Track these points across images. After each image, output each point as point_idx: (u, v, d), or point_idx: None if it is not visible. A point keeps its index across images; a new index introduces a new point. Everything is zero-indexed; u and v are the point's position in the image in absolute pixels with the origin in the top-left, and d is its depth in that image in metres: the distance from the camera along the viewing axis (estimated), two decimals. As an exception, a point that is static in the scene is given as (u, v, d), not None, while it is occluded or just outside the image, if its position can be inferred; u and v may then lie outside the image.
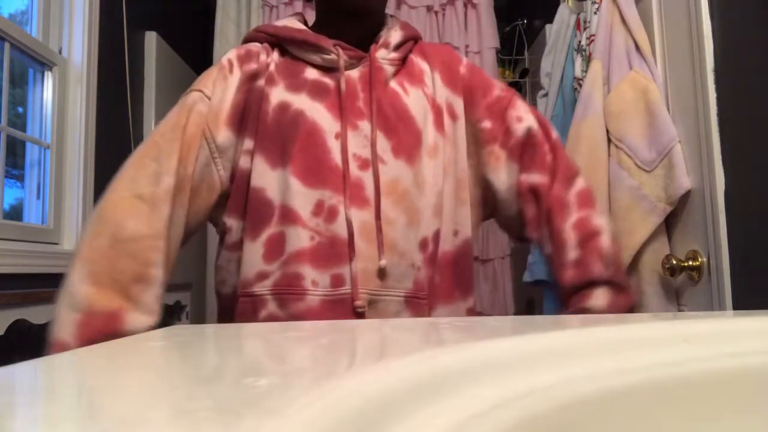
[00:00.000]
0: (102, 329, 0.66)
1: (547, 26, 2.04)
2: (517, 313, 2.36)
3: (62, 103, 1.74)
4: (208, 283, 2.26)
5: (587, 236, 0.78)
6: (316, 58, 0.80)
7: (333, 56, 0.80)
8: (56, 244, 1.68)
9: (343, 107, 0.77)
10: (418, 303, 0.78)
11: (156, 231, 0.71)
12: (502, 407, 0.26)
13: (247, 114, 0.79)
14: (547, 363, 0.32)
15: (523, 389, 0.29)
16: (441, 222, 0.80)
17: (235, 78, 0.79)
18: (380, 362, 0.28)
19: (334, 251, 0.74)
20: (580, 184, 0.83)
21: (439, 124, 0.82)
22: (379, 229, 0.75)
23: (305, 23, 0.88)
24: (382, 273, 0.75)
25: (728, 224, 1.12)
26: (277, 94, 0.78)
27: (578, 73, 1.57)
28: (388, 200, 0.76)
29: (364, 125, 0.78)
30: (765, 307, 0.52)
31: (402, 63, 0.84)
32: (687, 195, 1.23)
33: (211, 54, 2.32)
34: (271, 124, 0.77)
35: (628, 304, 0.77)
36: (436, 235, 0.80)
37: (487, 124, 0.84)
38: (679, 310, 1.27)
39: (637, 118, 1.33)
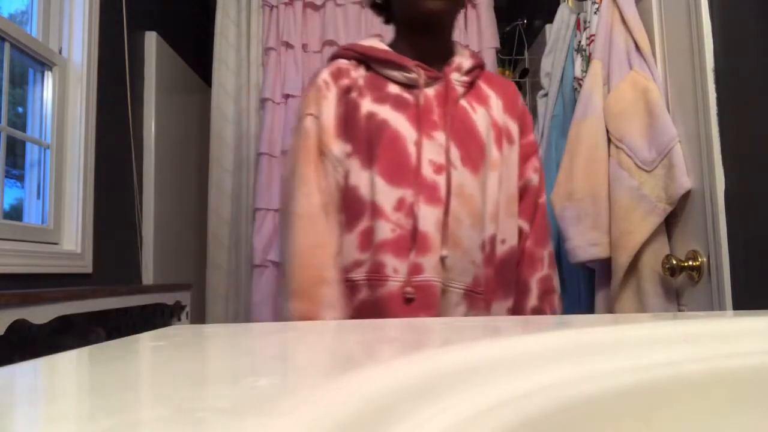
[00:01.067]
0: None
1: (547, 26, 2.04)
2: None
3: (62, 103, 1.74)
4: (208, 284, 2.26)
5: (546, 292, 0.96)
6: (398, 75, 0.92)
7: (414, 75, 0.91)
8: (56, 244, 1.69)
9: (420, 119, 0.89)
10: (475, 297, 0.89)
11: (318, 241, 0.87)
12: (502, 407, 0.26)
13: (346, 122, 0.91)
14: (547, 363, 0.32)
15: (523, 389, 0.29)
16: (495, 229, 0.93)
17: (333, 94, 0.92)
18: (380, 362, 0.28)
19: (412, 243, 0.85)
20: (550, 246, 1.00)
21: (498, 142, 0.95)
22: (445, 225, 0.86)
23: (390, 45, 1.00)
24: (444, 264, 0.86)
25: (728, 224, 1.12)
26: (366, 105, 0.90)
27: (578, 73, 1.57)
28: (456, 202, 0.87)
29: (439, 135, 0.89)
30: (765, 307, 0.52)
31: (470, 86, 0.96)
32: (687, 195, 1.23)
33: (211, 54, 2.31)
34: (362, 130, 0.89)
35: None
36: (492, 239, 0.92)
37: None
38: (679, 310, 1.27)
39: (637, 118, 1.33)
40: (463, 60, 0.95)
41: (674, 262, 1.21)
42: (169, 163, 2.40)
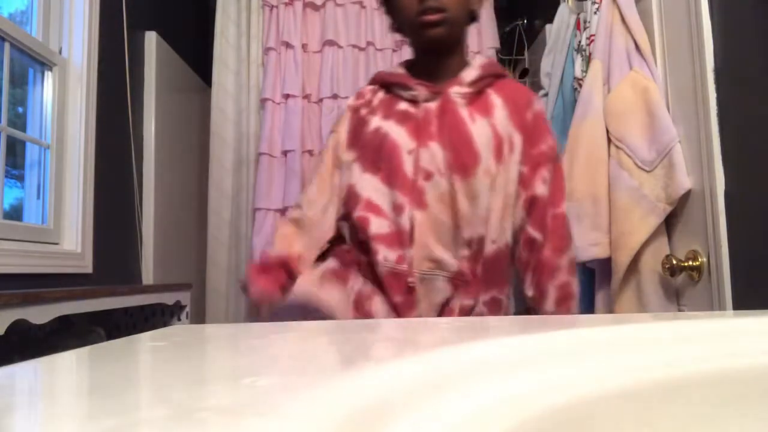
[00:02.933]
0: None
1: (547, 26, 2.04)
2: (517, 313, 2.36)
3: (62, 103, 1.74)
4: (207, 283, 2.26)
5: (564, 298, 1.01)
6: (405, 93, 1.06)
7: (416, 92, 1.04)
8: (56, 244, 1.69)
9: (418, 131, 1.01)
10: (460, 283, 0.99)
11: (287, 232, 1.09)
12: (502, 407, 0.26)
13: (355, 135, 1.08)
14: (547, 363, 0.32)
15: (524, 389, 0.29)
16: (485, 231, 1.00)
17: (351, 113, 1.11)
18: (380, 362, 0.28)
19: (401, 238, 0.98)
20: (571, 254, 1.04)
21: (498, 151, 1.01)
22: (427, 226, 0.98)
23: (409, 65, 1.13)
24: (431, 259, 0.98)
25: (728, 224, 1.12)
26: (375, 122, 1.05)
27: (578, 73, 1.57)
28: (440, 205, 0.98)
29: (433, 145, 1.00)
30: (765, 307, 0.52)
31: (478, 95, 1.04)
32: (687, 195, 1.23)
33: (210, 54, 2.32)
34: (368, 141, 1.05)
35: None
36: (480, 240, 1.00)
37: (524, 168, 1.04)
38: (679, 310, 1.27)
39: (637, 118, 1.33)
40: (468, 73, 1.05)
41: (674, 262, 1.21)
42: (169, 163, 2.40)
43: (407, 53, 2.28)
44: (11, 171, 1.65)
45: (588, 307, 1.52)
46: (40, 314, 1.20)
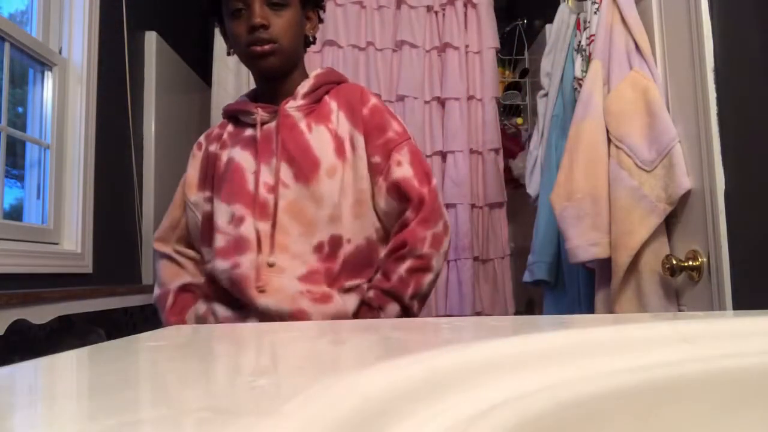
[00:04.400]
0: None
1: (547, 26, 2.04)
2: (517, 313, 2.36)
3: (62, 103, 1.74)
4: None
5: (418, 269, 1.01)
6: (249, 119, 1.09)
7: (254, 115, 1.07)
8: (56, 244, 1.69)
9: (259, 151, 1.05)
10: (312, 280, 1.00)
11: (170, 270, 1.15)
12: (502, 407, 0.26)
13: (207, 174, 1.12)
14: (547, 363, 0.32)
15: (523, 389, 0.29)
16: (337, 230, 1.02)
17: (201, 152, 1.15)
18: (380, 362, 0.28)
19: (238, 246, 1.00)
20: (439, 227, 1.04)
21: (340, 151, 1.05)
22: (272, 236, 1.00)
23: (253, 91, 1.18)
24: (272, 267, 1.00)
25: (728, 224, 1.12)
26: (226, 154, 1.09)
27: (578, 73, 1.57)
28: (287, 215, 1.01)
29: (273, 161, 1.03)
30: (765, 307, 0.52)
31: (316, 102, 1.08)
32: (687, 195, 1.23)
33: (211, 54, 2.31)
34: (220, 174, 1.08)
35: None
36: (332, 240, 1.02)
37: (377, 159, 1.05)
38: (679, 310, 1.27)
39: (637, 118, 1.33)
40: (302, 86, 1.09)
41: (674, 262, 1.21)
42: (169, 163, 2.40)
43: (407, 53, 2.28)
44: (11, 171, 1.65)
45: (588, 307, 1.52)
46: (40, 314, 1.20)
